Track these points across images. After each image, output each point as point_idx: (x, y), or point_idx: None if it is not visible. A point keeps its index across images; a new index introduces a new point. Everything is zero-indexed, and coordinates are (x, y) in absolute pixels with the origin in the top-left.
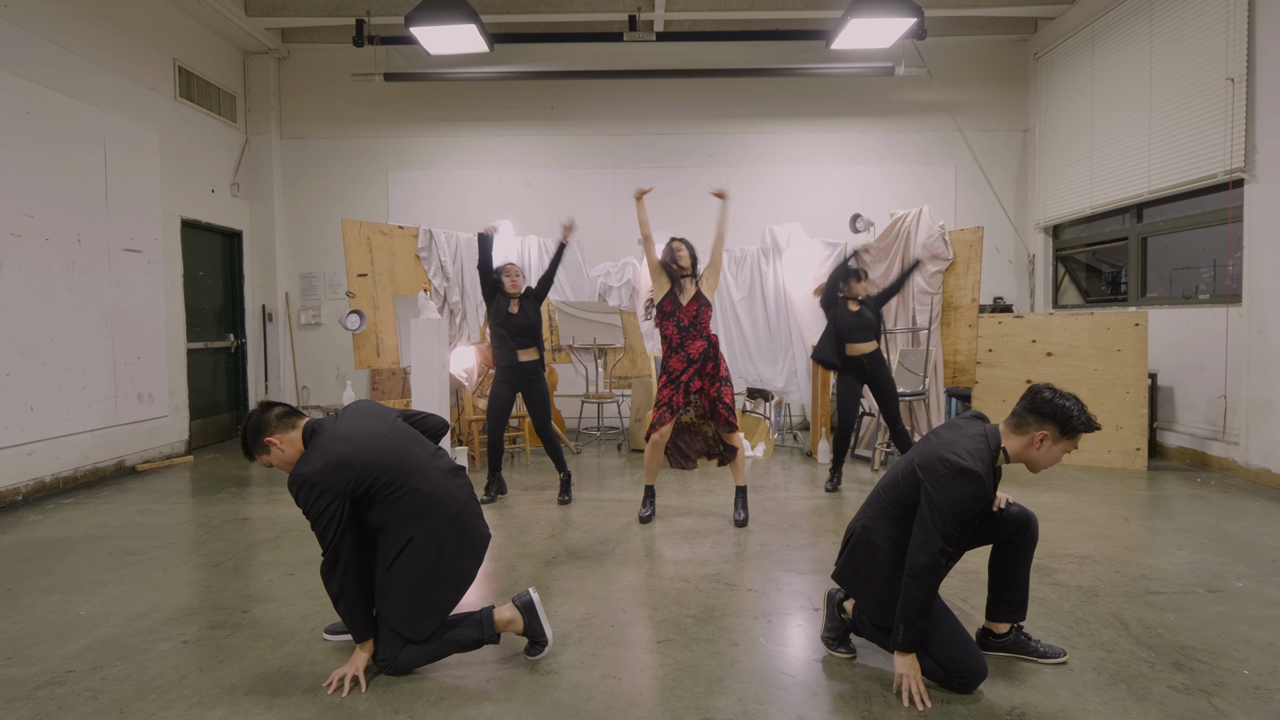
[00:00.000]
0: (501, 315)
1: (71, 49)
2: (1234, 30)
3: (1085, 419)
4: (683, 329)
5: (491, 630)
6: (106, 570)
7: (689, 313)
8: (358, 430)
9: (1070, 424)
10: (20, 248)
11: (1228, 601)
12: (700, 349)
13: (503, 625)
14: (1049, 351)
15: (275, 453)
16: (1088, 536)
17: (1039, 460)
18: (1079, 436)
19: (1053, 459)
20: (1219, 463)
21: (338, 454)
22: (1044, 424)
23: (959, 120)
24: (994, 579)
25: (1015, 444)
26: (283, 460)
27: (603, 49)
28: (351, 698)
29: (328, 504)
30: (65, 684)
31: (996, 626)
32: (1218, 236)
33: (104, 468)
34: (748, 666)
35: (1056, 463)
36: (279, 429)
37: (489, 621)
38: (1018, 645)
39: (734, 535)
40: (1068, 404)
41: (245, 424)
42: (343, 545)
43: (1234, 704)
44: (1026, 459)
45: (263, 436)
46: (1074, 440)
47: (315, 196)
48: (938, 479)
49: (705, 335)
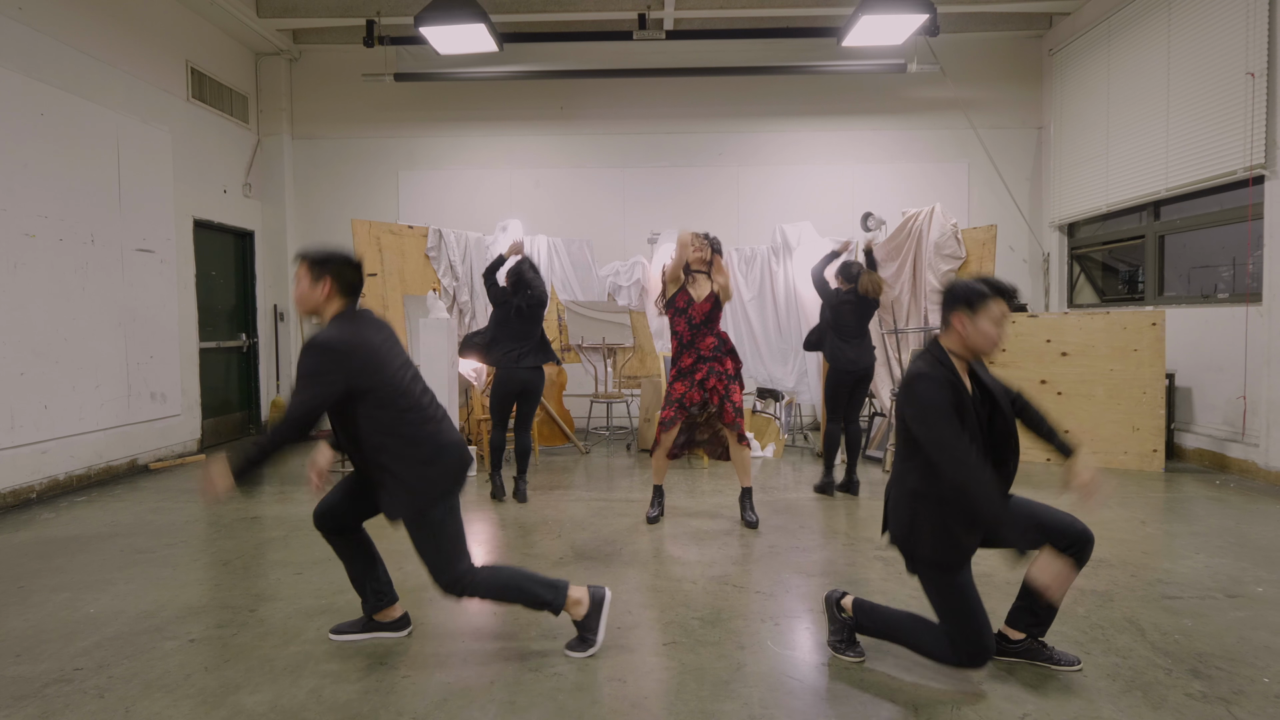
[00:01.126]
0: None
1: (86, 51)
2: (1254, 24)
3: (990, 286)
4: (694, 326)
5: (562, 600)
6: (116, 568)
7: (702, 310)
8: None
9: (972, 295)
10: (35, 248)
11: (1247, 607)
12: (712, 345)
13: (571, 604)
14: (1064, 351)
15: (313, 289)
16: (1103, 540)
17: (976, 342)
18: (990, 302)
19: (985, 336)
20: (1238, 464)
21: (367, 339)
22: (955, 309)
23: (972, 117)
24: (1027, 588)
25: (951, 341)
26: (309, 301)
27: (612, 48)
28: (357, 696)
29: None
30: (73, 682)
31: (1012, 633)
32: (1237, 234)
33: (117, 466)
34: (754, 670)
35: (995, 341)
36: (338, 285)
37: (563, 592)
38: (1031, 651)
39: (741, 537)
40: (970, 283)
41: (336, 251)
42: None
43: (1253, 712)
44: (970, 349)
45: (330, 267)
46: (989, 309)
47: (326, 196)
48: (904, 400)
49: (716, 332)
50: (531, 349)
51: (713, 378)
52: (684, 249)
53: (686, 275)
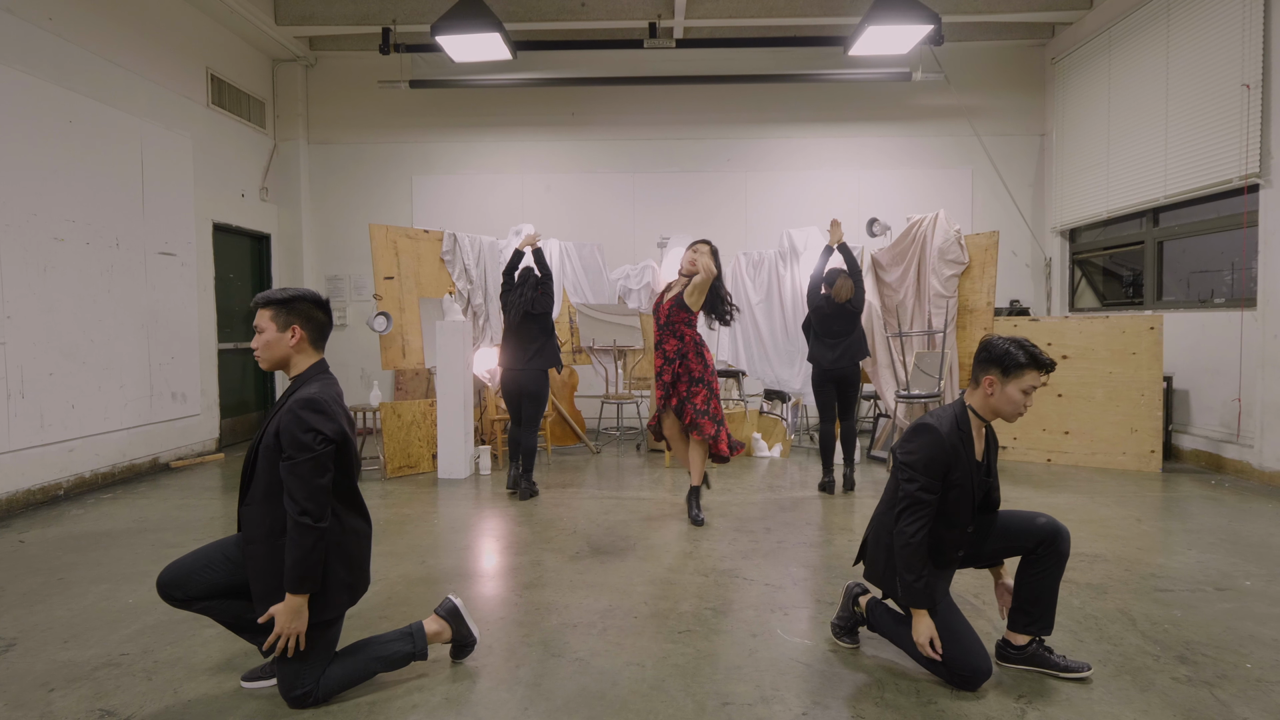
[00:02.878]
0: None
1: (111, 59)
2: (1250, 37)
3: (1027, 355)
4: (660, 326)
5: (423, 644)
6: (150, 561)
7: (664, 311)
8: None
9: (1008, 361)
10: (64, 252)
11: (1235, 599)
12: (674, 348)
13: (433, 637)
14: (1064, 354)
15: (281, 336)
16: (1100, 536)
17: (1000, 408)
18: (1027, 373)
19: (1011, 403)
20: (1233, 465)
21: (339, 402)
22: (988, 370)
23: (976, 125)
24: (1018, 591)
25: (976, 399)
26: (276, 350)
27: (623, 55)
28: (392, 677)
29: (330, 440)
30: (120, 665)
31: (1016, 638)
32: (1234, 241)
33: (140, 464)
34: (765, 656)
35: (1019, 408)
36: (309, 331)
37: (420, 635)
38: (1037, 658)
39: (751, 533)
40: (1008, 346)
41: (302, 291)
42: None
43: (1235, 695)
44: (992, 410)
45: (298, 311)
46: (1022, 378)
47: (341, 201)
48: (903, 441)
49: (679, 335)
50: (531, 353)
51: (670, 375)
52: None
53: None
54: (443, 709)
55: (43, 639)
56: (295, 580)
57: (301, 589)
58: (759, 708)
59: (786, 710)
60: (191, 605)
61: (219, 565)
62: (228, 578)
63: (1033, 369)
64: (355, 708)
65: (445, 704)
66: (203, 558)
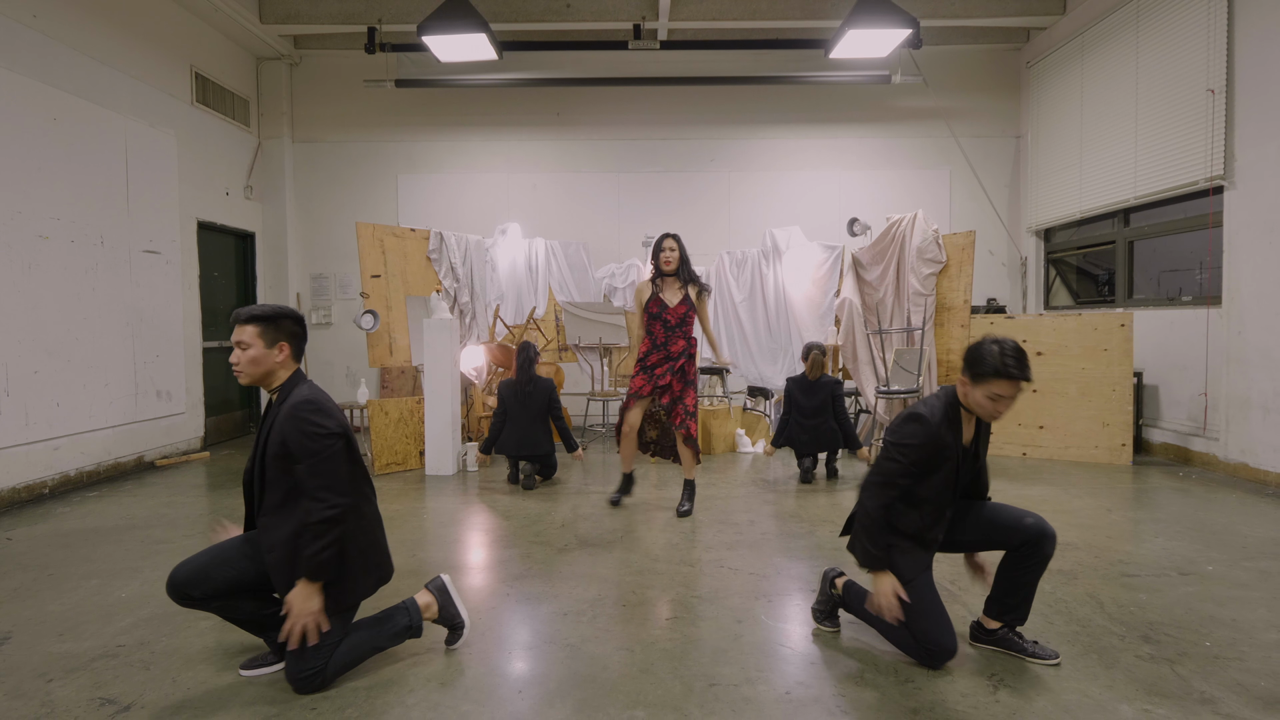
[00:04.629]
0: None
1: (95, 57)
2: (1214, 44)
3: (998, 363)
4: (669, 328)
5: (418, 616)
6: (140, 557)
7: (676, 314)
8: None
9: (977, 367)
10: (48, 249)
11: (1197, 583)
12: (680, 348)
13: (423, 609)
14: (1039, 351)
15: (269, 353)
16: (1071, 525)
17: (974, 407)
18: (993, 381)
19: (979, 406)
20: (1200, 458)
21: (331, 400)
22: (965, 369)
23: (954, 126)
24: (998, 582)
25: (960, 393)
26: (263, 365)
27: (608, 57)
28: (389, 663)
29: (339, 434)
30: (118, 657)
31: (989, 621)
32: (1202, 240)
33: (125, 463)
34: (750, 640)
35: (994, 411)
36: (294, 346)
37: (415, 608)
38: (1007, 642)
39: (736, 525)
40: (986, 352)
41: (284, 308)
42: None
43: (1194, 671)
44: (969, 407)
45: (285, 328)
46: (989, 385)
47: (326, 199)
48: (896, 425)
49: (687, 336)
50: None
51: (669, 375)
52: (640, 297)
53: (656, 283)
54: (438, 693)
55: (37, 632)
56: (314, 568)
57: (319, 576)
58: (744, 688)
59: (771, 690)
60: (209, 604)
61: (236, 560)
62: (248, 572)
63: (998, 379)
64: (353, 692)
65: (440, 688)
66: (218, 554)
